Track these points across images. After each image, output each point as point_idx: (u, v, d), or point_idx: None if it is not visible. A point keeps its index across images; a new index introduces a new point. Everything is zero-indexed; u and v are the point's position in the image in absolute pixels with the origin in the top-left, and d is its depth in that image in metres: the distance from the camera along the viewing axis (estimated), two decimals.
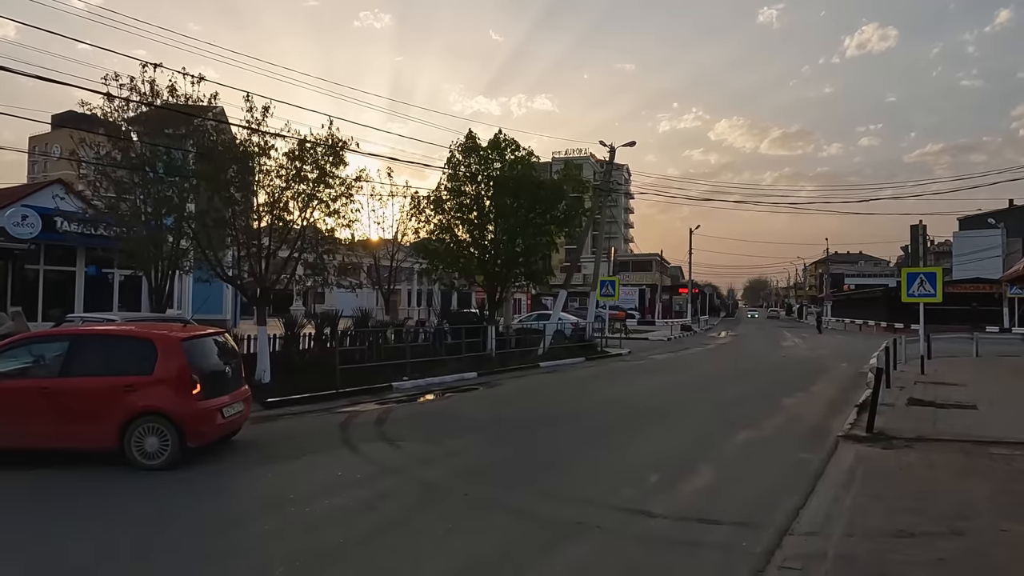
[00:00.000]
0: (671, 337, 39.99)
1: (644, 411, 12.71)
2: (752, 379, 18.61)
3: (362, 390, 14.47)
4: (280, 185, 13.37)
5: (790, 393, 15.23)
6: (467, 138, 19.95)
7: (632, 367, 22.07)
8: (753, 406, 13.27)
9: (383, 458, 8.63)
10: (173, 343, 8.26)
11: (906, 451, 8.90)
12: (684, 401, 14.13)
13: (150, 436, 7.81)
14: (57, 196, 18.69)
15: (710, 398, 14.62)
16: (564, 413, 12.61)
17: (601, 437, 10.14)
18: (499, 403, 14.12)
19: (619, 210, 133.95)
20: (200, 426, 8.10)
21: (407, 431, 10.49)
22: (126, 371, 8.04)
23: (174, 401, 7.88)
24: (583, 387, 16.93)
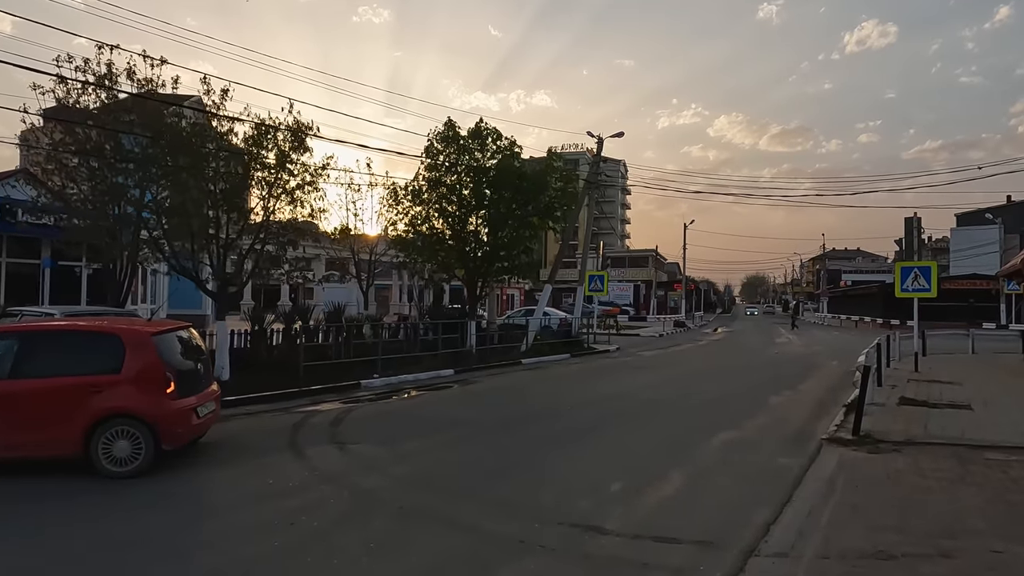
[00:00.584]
0: (663, 333, 39.37)
1: (622, 411, 12.04)
2: (740, 377, 17.94)
3: (328, 388, 13.78)
4: (238, 172, 12.65)
5: (778, 391, 14.56)
6: (447, 126, 19.21)
7: (618, 364, 21.39)
8: (737, 406, 12.61)
9: (325, 464, 7.94)
10: (143, 338, 7.61)
11: (894, 456, 8.23)
12: (666, 400, 13.45)
13: (120, 440, 7.16)
14: (8, 183, 17.92)
15: (693, 397, 13.95)
16: (535, 413, 11.93)
17: (570, 440, 9.47)
18: (469, 402, 13.45)
19: (615, 206, 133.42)
20: (176, 427, 7.49)
21: (361, 433, 9.81)
22: (90, 370, 7.39)
23: (147, 401, 7.28)
24: (561, 385, 16.25)
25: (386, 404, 12.80)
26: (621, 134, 25.96)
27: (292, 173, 13.19)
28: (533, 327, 22.67)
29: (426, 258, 19.33)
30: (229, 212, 12.64)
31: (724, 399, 13.56)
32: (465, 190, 18.89)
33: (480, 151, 19.35)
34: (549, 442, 9.36)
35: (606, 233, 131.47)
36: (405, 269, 20.63)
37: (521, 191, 19.83)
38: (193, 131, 12.53)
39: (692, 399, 13.63)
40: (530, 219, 20.13)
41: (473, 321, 19.85)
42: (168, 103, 13.74)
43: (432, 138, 19.14)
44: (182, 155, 12.59)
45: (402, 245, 19.42)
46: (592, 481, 7.28)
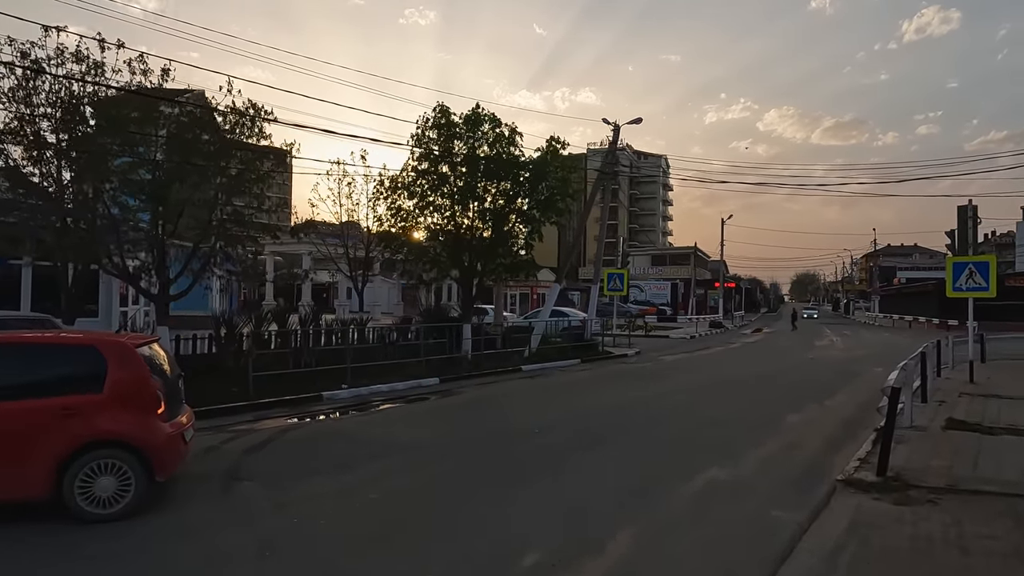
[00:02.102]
0: (695, 335, 37.01)
1: (607, 431, 10.19)
2: (762, 387, 15.83)
3: (282, 401, 12.32)
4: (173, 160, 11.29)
5: (799, 407, 12.47)
6: (438, 112, 17.57)
7: (631, 371, 19.43)
8: (745, 427, 10.62)
9: (186, 512, 6.38)
10: (127, 350, 6.37)
11: (928, 510, 6.22)
12: (663, 418, 11.53)
13: (104, 476, 5.92)
14: None
15: (698, 414, 11.98)
16: (500, 434, 10.17)
17: (517, 474, 7.72)
18: (434, 420, 11.79)
19: (656, 202, 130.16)
20: (170, 454, 6.38)
21: (270, 464, 8.24)
22: (63, 390, 6.10)
23: (136, 425, 6.13)
24: (556, 397, 14.45)
25: (335, 422, 11.23)
26: (639, 120, 23.89)
27: (243, 162, 11.76)
28: (538, 330, 20.84)
29: (415, 255, 17.71)
30: (158, 203, 11.31)
31: (732, 417, 11.56)
32: (460, 181, 17.21)
33: (473, 138, 17.63)
34: (496, 475, 7.65)
35: (647, 230, 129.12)
36: (394, 268, 19.07)
37: (520, 182, 18.09)
38: (123, 114, 11.19)
39: (694, 417, 11.67)
40: (530, 212, 18.35)
41: (468, 324, 18.17)
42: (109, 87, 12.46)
43: (422, 125, 17.52)
44: (117, 141, 11.30)
45: (388, 241, 17.88)
46: (521, 537, 5.55)
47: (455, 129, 17.74)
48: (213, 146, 11.38)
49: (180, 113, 11.35)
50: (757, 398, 14.09)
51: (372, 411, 12.27)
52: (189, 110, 11.43)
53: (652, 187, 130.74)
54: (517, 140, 18.45)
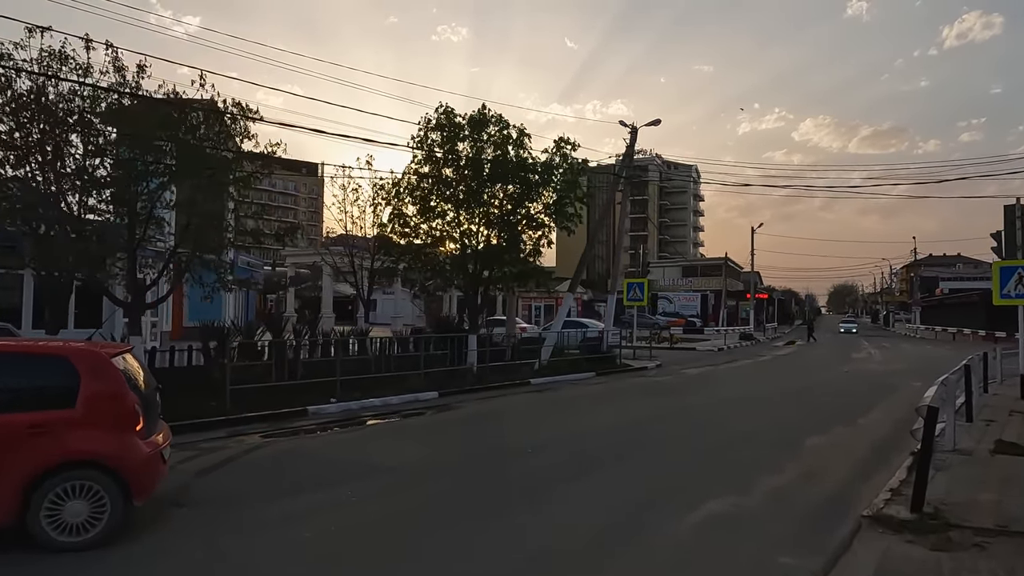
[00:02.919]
0: (724, 347, 35.50)
1: (606, 453, 9.16)
2: (788, 404, 14.57)
3: (263, 416, 11.55)
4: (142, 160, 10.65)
5: (827, 427, 11.24)
6: (441, 113, 16.78)
7: (648, 385, 18.28)
8: (763, 449, 9.47)
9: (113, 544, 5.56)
10: (102, 361, 5.78)
11: (974, 558, 5.09)
12: (672, 439, 10.44)
13: (75, 500, 5.31)
14: None
15: (712, 434, 10.85)
16: (495, 454, 9.21)
17: (503, 503, 6.80)
18: (425, 437, 10.86)
19: (687, 212, 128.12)
20: (149, 475, 5.84)
21: (229, 487, 7.44)
22: (29, 405, 5.50)
23: (112, 443, 5.54)
24: (560, 414, 13.42)
25: (311, 440, 10.37)
26: (657, 121, 22.75)
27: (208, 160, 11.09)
28: (549, 341, 19.80)
29: (419, 263, 16.86)
30: (116, 207, 10.68)
31: (750, 438, 10.40)
32: (462, 185, 16.37)
33: (476, 140, 16.78)
34: (462, 508, 6.69)
35: (678, 241, 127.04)
36: (395, 276, 18.25)
37: (528, 185, 17.17)
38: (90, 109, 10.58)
39: (707, 437, 10.54)
40: (538, 217, 17.41)
41: (473, 335, 17.26)
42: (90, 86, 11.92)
43: (424, 127, 16.73)
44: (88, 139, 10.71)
45: (387, 248, 17.09)
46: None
47: (459, 131, 16.93)
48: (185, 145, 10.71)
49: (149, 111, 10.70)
50: (781, 416, 12.88)
51: (356, 428, 11.41)
52: (165, 112, 10.78)
53: (682, 197, 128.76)
54: (525, 142, 17.55)
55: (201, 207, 11.37)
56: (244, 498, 6.92)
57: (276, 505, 6.70)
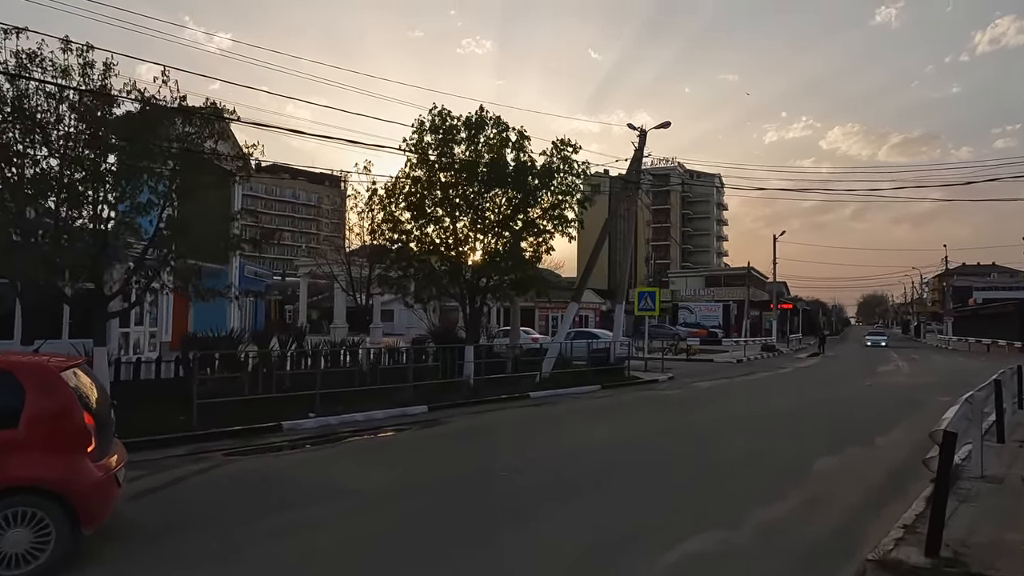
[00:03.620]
0: (744, 359, 34.25)
1: (590, 477, 8.30)
2: (802, 421, 13.53)
3: (232, 432, 10.89)
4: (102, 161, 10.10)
5: (841, 447, 10.24)
6: (436, 115, 16.10)
7: (655, 399, 17.32)
8: (764, 474, 8.55)
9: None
10: (50, 376, 5.28)
11: None
12: (666, 461, 9.54)
13: (16, 528, 4.82)
14: None
15: (711, 456, 9.90)
16: (468, 477, 8.39)
17: (463, 536, 5.97)
18: (400, 455, 10.09)
19: (710, 222, 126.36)
20: (101, 502, 5.33)
21: (164, 513, 6.72)
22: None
23: (61, 467, 5.06)
24: (554, 430, 12.56)
25: (277, 458, 9.65)
26: (667, 124, 21.90)
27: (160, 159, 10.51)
28: (552, 352, 18.92)
29: (412, 270, 16.13)
30: (67, 208, 10.12)
31: (753, 460, 9.46)
32: (454, 190, 15.65)
33: (472, 143, 16.07)
34: (414, 543, 5.90)
35: (701, 251, 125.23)
36: (386, 285, 17.55)
37: (527, 190, 16.40)
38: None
39: (706, 459, 9.61)
40: (538, 223, 16.61)
41: (470, 346, 16.48)
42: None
43: (419, 129, 16.06)
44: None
45: (378, 255, 16.39)
46: None
47: (455, 133, 16.23)
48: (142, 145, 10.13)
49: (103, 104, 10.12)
50: (793, 434, 11.87)
51: (330, 445, 10.68)
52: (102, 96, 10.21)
53: (705, 206, 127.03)
54: (525, 146, 16.81)
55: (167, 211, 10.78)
56: (177, 528, 6.20)
57: (223, 532, 5.98)
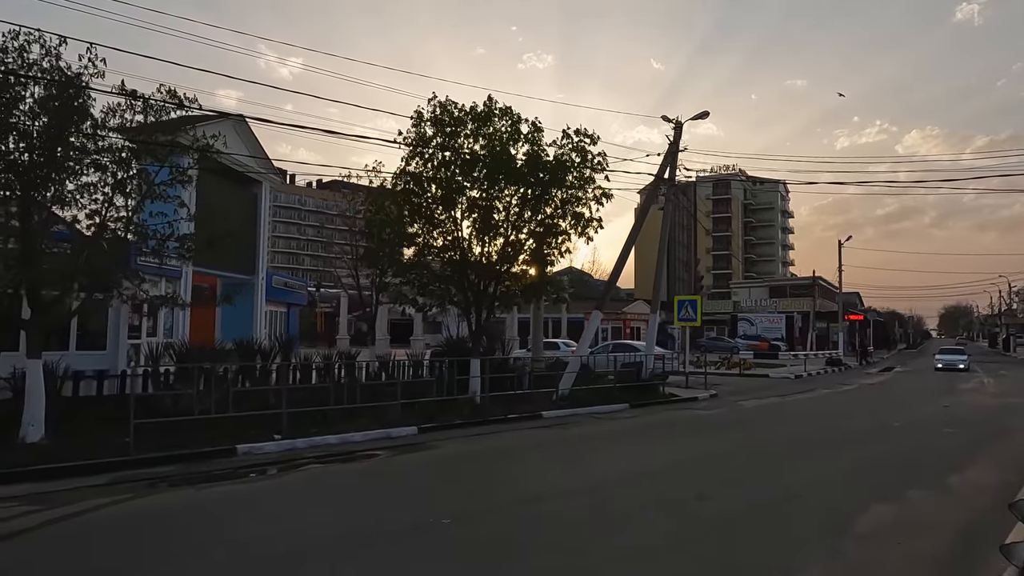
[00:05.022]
0: (804, 374, 31.31)
1: (557, 532, 6.52)
2: (854, 452, 11.24)
3: (175, 457, 9.58)
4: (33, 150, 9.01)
5: (900, 490, 8.06)
6: (437, 106, 14.58)
7: (687, 421, 15.22)
8: (788, 531, 6.54)
9: None
10: None
11: None
12: (662, 507, 7.60)
13: None
14: None
15: (726, 499, 7.89)
16: (399, 528, 6.72)
17: None
18: (343, 493, 8.47)
19: (775, 230, 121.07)
20: None
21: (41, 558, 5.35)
22: None
23: None
24: (552, 460, 10.73)
25: (199, 492, 8.20)
26: (706, 114, 19.77)
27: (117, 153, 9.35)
28: (572, 366, 17.03)
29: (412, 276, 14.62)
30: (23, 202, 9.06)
31: (778, 506, 7.43)
32: (452, 185, 14.09)
33: (479, 136, 14.49)
34: None
35: (764, 260, 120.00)
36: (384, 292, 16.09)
37: (540, 186, 14.71)
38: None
39: (718, 504, 7.60)
40: (552, 222, 14.87)
41: (476, 359, 14.83)
42: None
43: (417, 121, 14.58)
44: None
45: (372, 260, 14.97)
46: None
47: (459, 126, 14.69)
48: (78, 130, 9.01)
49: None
50: (838, 471, 9.67)
51: (278, 475, 9.21)
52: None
53: (769, 214, 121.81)
54: (539, 139, 15.14)
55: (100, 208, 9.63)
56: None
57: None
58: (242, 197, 21.31)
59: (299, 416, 11.82)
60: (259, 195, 22.92)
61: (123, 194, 9.80)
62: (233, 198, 20.61)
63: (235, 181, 21.81)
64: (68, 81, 8.97)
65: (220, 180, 20.03)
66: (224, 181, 20.28)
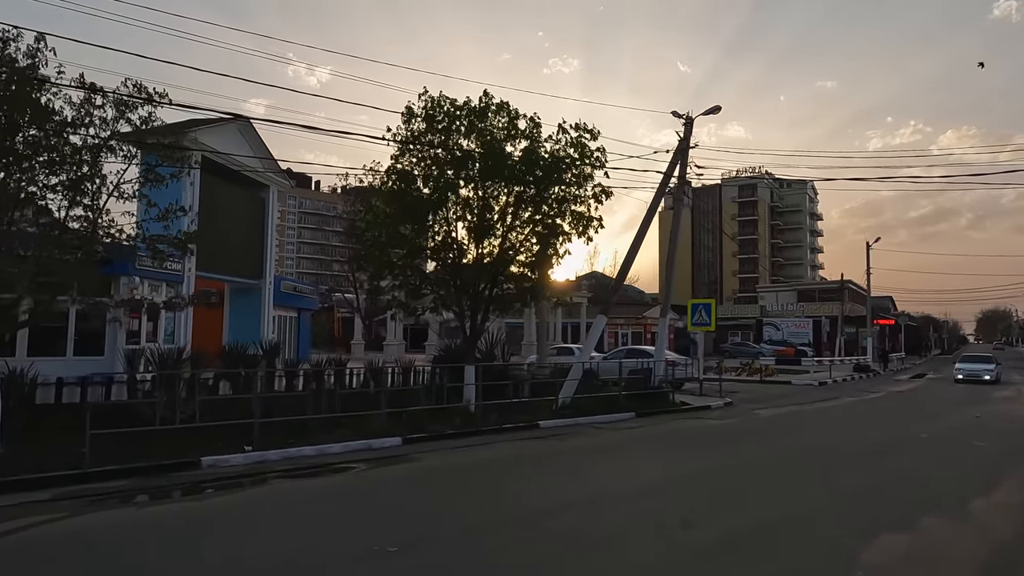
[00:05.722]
0: (829, 381, 30.01)
1: (511, 560, 5.79)
2: (869, 468, 10.28)
3: (134, 470, 9.04)
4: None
5: (913, 517, 7.15)
6: (429, 101, 13.93)
7: (694, 432, 14.33)
8: (782, 562, 5.71)
9: None
10: None
11: None
12: (630, 535, 6.80)
13: None
14: None
15: (707, 528, 7.06)
16: (358, 554, 6.05)
17: None
18: (295, 513, 7.81)
19: (803, 233, 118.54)
20: None
21: None
22: None
23: None
24: (539, 475, 9.96)
25: (139, 512, 7.64)
26: (718, 109, 18.84)
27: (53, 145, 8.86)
28: (574, 374, 16.20)
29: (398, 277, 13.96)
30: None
31: (771, 533, 6.58)
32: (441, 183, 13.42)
33: (473, 132, 13.82)
34: None
35: (792, 264, 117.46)
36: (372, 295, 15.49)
37: (538, 183, 14.00)
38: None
39: (694, 534, 6.78)
40: (549, 222, 14.12)
41: (471, 366, 14.14)
42: None
43: (408, 117, 13.95)
44: None
45: (359, 260, 14.35)
46: None
47: (452, 122, 14.04)
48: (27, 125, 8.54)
49: None
50: (850, 489, 8.74)
51: (236, 490, 8.61)
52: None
53: (797, 216, 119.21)
54: (539, 136, 14.43)
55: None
56: None
57: None
58: (248, 200, 20.93)
59: (277, 426, 11.25)
60: (266, 199, 22.56)
61: (81, 192, 9.32)
62: (238, 201, 20.23)
63: (240, 184, 21.41)
64: (17, 71, 8.52)
65: (223, 183, 19.66)
66: (228, 184, 19.92)
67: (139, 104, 10.11)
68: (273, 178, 22.22)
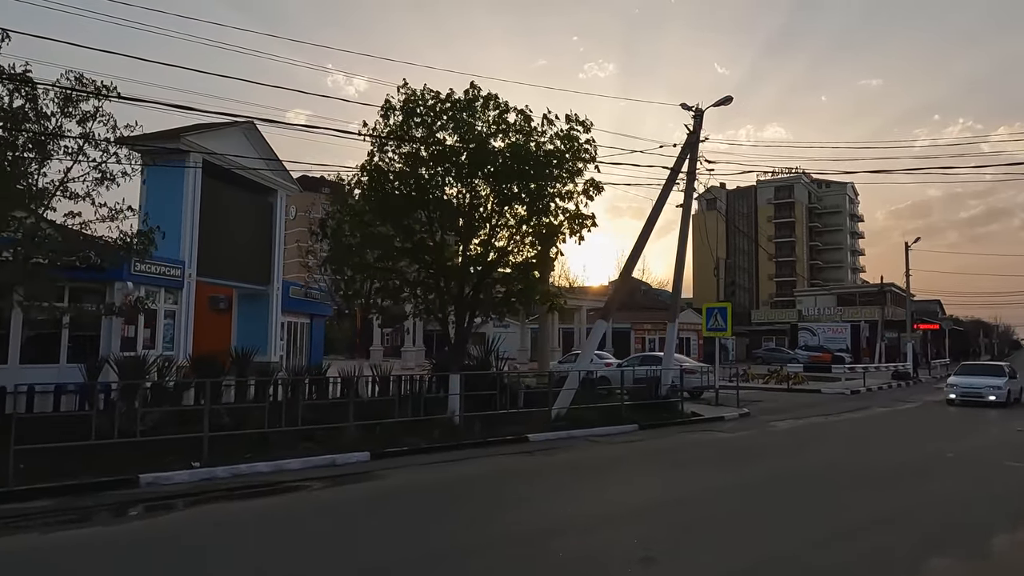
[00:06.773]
0: (863, 389, 28.29)
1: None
2: (886, 493, 9.04)
3: (63, 488, 8.39)
4: None
5: (923, 556, 6.00)
6: (410, 93, 13.15)
7: (700, 446, 13.18)
8: None
9: None
10: None
11: None
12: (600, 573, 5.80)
13: None
14: None
15: (688, 563, 6.02)
16: None
17: None
18: (219, 546, 7.01)
19: (843, 235, 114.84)
20: None
21: None
22: None
23: None
24: (516, 495, 9.02)
25: (38, 539, 6.88)
26: (729, 99, 17.61)
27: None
28: (571, 383, 15.15)
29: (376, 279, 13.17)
30: None
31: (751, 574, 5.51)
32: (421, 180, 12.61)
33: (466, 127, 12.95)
34: None
35: (832, 267, 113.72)
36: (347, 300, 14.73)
37: (525, 179, 13.08)
38: None
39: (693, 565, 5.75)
40: (538, 221, 13.17)
41: (456, 375, 13.25)
42: None
43: (385, 110, 13.17)
44: None
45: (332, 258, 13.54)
46: None
47: (437, 117, 13.22)
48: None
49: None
50: (854, 521, 7.56)
51: (168, 512, 7.92)
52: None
53: (837, 218, 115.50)
54: (531, 128, 13.53)
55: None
56: None
57: None
58: (255, 205, 20.45)
59: (236, 439, 10.54)
60: (274, 204, 22.10)
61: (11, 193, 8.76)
62: (245, 206, 19.77)
63: (247, 189, 20.94)
64: None
65: (228, 187, 19.23)
66: (233, 188, 19.49)
67: (83, 98, 9.55)
68: (280, 182, 21.73)
